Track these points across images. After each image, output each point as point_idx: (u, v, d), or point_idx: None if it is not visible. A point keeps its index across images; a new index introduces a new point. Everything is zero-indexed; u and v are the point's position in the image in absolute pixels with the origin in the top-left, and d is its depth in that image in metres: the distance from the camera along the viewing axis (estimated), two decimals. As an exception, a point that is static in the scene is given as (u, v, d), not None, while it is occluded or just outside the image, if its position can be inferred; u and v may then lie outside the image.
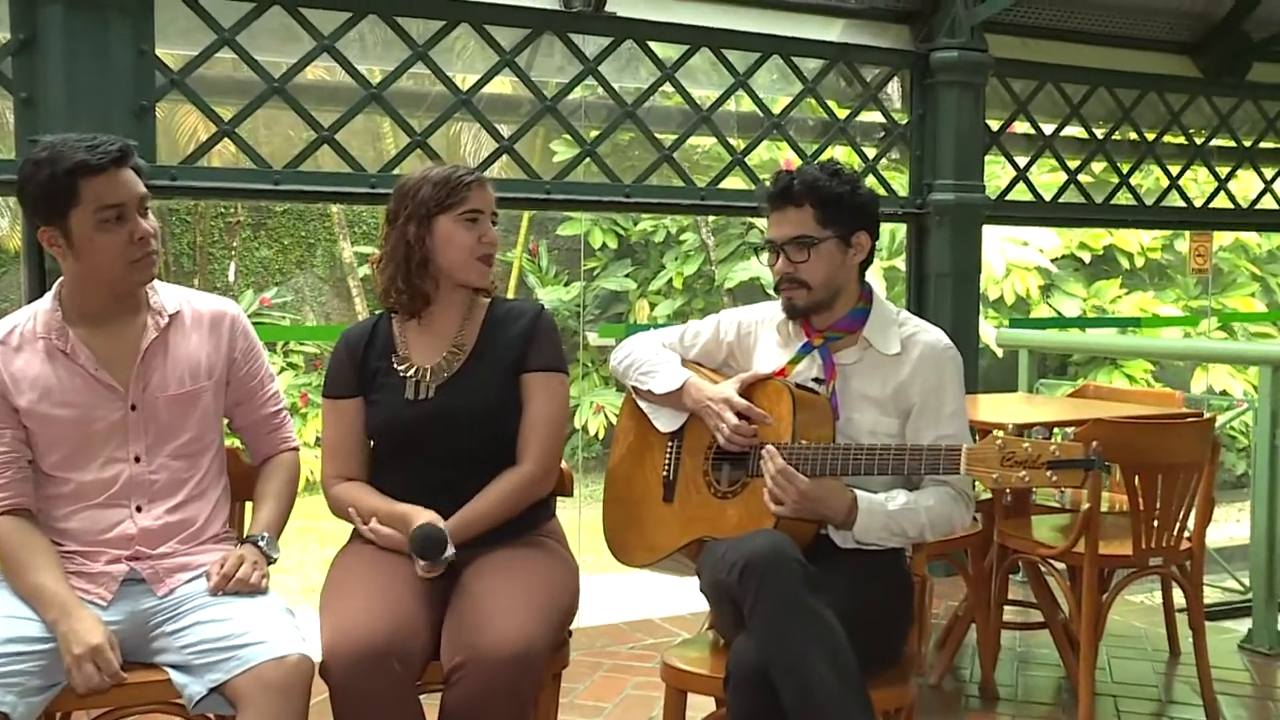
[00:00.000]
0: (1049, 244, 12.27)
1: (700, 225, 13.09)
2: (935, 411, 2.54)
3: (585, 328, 13.58)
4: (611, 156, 11.24)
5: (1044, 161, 5.84)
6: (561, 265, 14.26)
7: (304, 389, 12.59)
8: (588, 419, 12.61)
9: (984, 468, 2.29)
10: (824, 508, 2.43)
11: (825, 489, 2.42)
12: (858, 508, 2.44)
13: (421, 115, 4.56)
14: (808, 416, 2.50)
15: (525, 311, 2.60)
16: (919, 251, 5.22)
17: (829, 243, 2.58)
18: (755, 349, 2.75)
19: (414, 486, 2.48)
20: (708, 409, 2.60)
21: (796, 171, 2.61)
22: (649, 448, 2.75)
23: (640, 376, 2.76)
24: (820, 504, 2.42)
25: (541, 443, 2.52)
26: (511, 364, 2.54)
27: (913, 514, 2.47)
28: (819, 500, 2.42)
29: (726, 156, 4.92)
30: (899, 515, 2.46)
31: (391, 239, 2.57)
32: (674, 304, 13.28)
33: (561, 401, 2.58)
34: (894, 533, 2.47)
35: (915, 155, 5.22)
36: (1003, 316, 11.85)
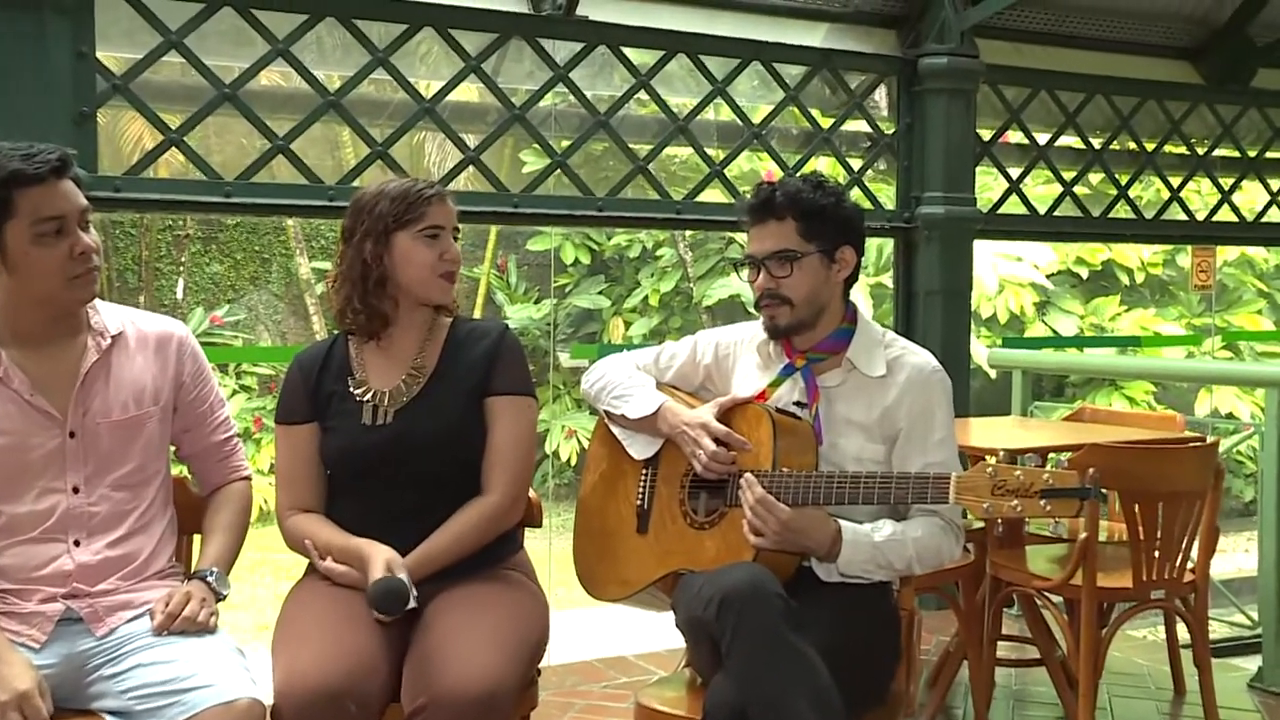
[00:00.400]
0: (1044, 259, 12.33)
1: (678, 240, 13.11)
2: (923, 438, 2.55)
3: (556, 348, 13.57)
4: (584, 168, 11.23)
5: (1038, 173, 5.88)
6: (531, 282, 14.25)
7: (257, 413, 12.52)
8: (559, 444, 12.58)
9: (974, 496, 2.31)
10: (806, 539, 2.44)
11: (807, 519, 2.43)
12: (842, 539, 2.45)
13: (383, 124, 4.56)
14: (789, 442, 2.51)
15: (489, 331, 2.61)
16: (907, 267, 5.25)
17: (812, 257, 2.60)
18: (734, 371, 2.76)
19: (372, 517, 2.48)
20: (684, 435, 2.61)
21: (778, 183, 2.63)
22: (622, 476, 2.75)
23: (613, 400, 2.77)
24: (802, 535, 2.43)
25: (508, 470, 2.52)
26: (475, 387, 2.54)
27: (900, 545, 2.48)
28: (801, 531, 2.42)
29: (705, 168, 4.94)
30: (885, 547, 2.47)
31: (347, 257, 2.57)
32: (650, 322, 13.28)
33: (528, 426, 2.58)
34: (880, 565, 2.47)
35: (903, 166, 5.25)
36: (995, 335, 11.89)
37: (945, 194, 5.17)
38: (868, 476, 2.42)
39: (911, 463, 2.53)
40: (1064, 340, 11.67)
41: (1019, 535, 3.85)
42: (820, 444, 2.55)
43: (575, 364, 12.64)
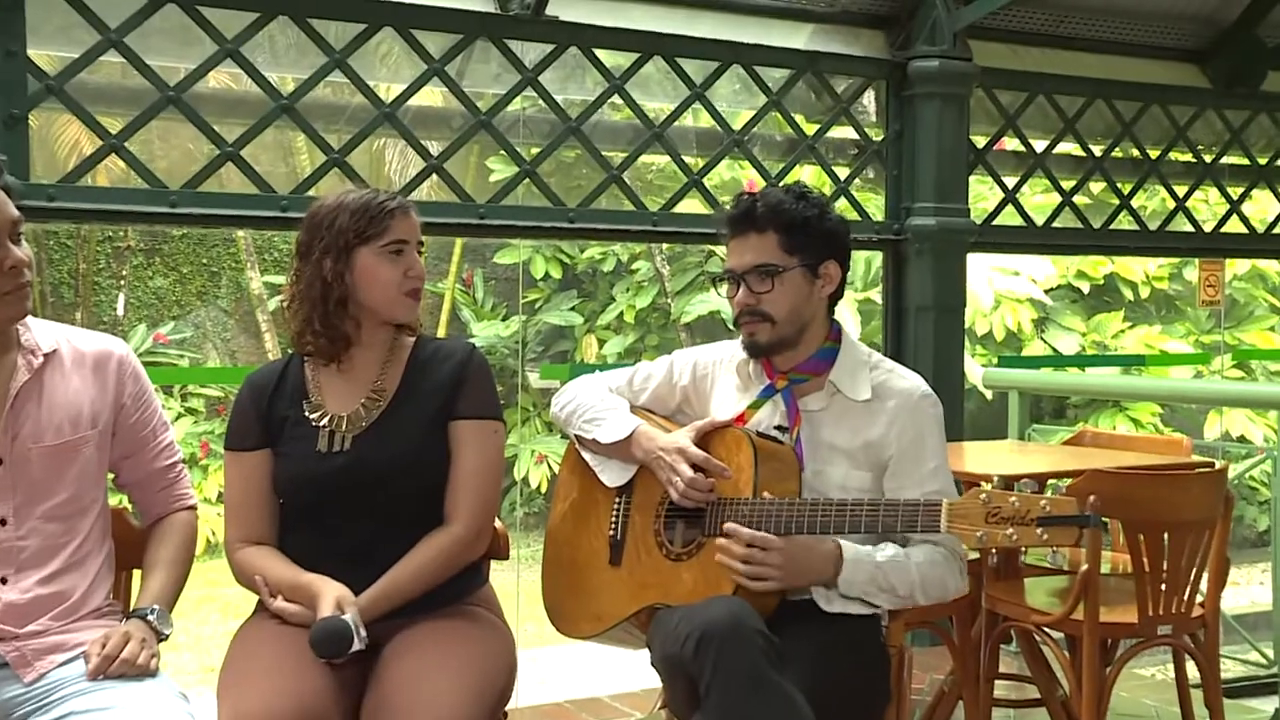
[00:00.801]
0: (1042, 273, 12.40)
1: (654, 253, 13.15)
2: (915, 469, 2.58)
3: (525, 368, 13.58)
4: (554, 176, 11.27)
5: (1036, 182, 5.93)
6: (499, 297, 14.26)
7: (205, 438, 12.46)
8: (528, 470, 12.57)
9: (967, 525, 2.32)
10: (808, 566, 2.45)
11: (801, 545, 2.45)
12: (842, 557, 2.47)
13: (340, 130, 4.57)
14: (771, 468, 2.53)
15: (454, 351, 2.61)
16: (897, 282, 5.28)
17: (795, 271, 2.62)
18: (712, 393, 2.78)
19: (328, 551, 2.48)
20: (659, 460, 2.62)
21: (759, 194, 2.65)
22: (593, 505, 2.76)
23: (584, 425, 2.77)
24: (803, 562, 2.44)
25: (473, 499, 2.52)
26: (439, 411, 2.55)
27: (902, 569, 2.50)
28: (800, 558, 2.44)
29: (682, 177, 4.96)
30: (888, 568, 2.49)
31: (305, 275, 2.56)
32: (625, 340, 13.30)
33: (495, 452, 2.58)
34: (882, 587, 2.49)
35: (892, 175, 5.28)
36: (991, 354, 11.95)
37: (937, 204, 5.20)
38: (854, 504, 2.44)
39: (905, 495, 2.54)
40: (1064, 359, 11.71)
41: (1016, 567, 3.87)
42: (803, 469, 2.57)
43: (546, 385, 12.64)
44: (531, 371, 13.49)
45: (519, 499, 12.55)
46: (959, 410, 5.09)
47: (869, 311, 11.65)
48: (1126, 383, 8.92)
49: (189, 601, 2.57)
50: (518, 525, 12.31)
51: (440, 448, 2.53)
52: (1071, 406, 12.84)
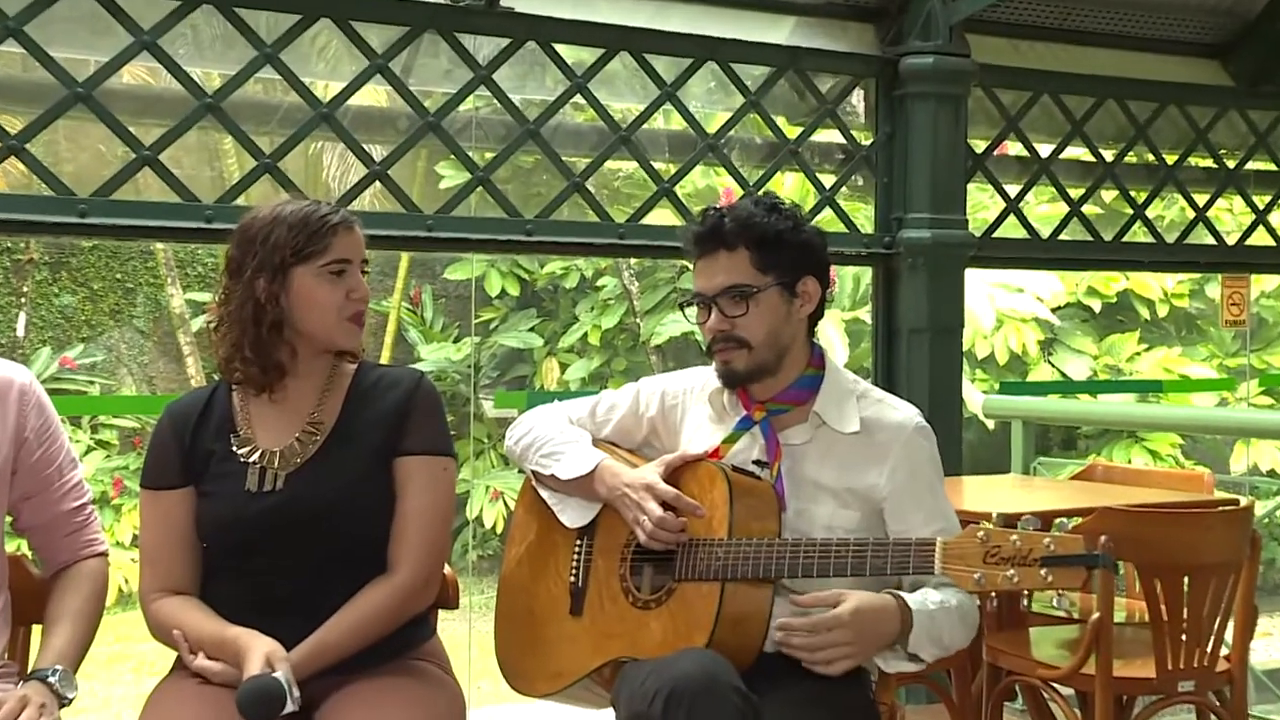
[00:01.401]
0: (1049, 290, 12.44)
1: (621, 268, 13.16)
2: (914, 510, 2.61)
3: (479, 395, 13.55)
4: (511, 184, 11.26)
5: (1041, 190, 5.97)
6: (450, 316, 14.24)
7: (118, 474, 12.38)
8: (482, 508, 12.53)
9: (963, 566, 2.34)
10: (877, 631, 2.47)
11: (868, 610, 2.45)
12: (909, 608, 2.49)
13: (272, 132, 4.56)
14: (748, 506, 2.54)
15: (400, 380, 2.62)
16: (888, 301, 5.30)
17: (771, 291, 2.64)
18: (683, 425, 2.79)
19: (256, 601, 2.47)
20: (625, 498, 2.63)
21: (726, 209, 2.67)
22: (552, 548, 2.77)
23: (541, 459, 2.78)
24: (870, 628, 2.46)
25: (420, 543, 2.53)
26: (382, 445, 2.55)
27: (948, 614, 2.52)
28: (869, 625, 2.45)
29: (652, 185, 4.97)
30: (939, 616, 2.51)
31: (235, 295, 2.56)
32: (590, 364, 13.29)
33: (445, 491, 2.59)
34: (932, 638, 2.51)
35: (882, 183, 5.32)
36: (993, 379, 11.98)
37: (932, 215, 5.23)
38: (839, 544, 2.46)
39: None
40: (1073, 385, 11.76)
41: (1021, 614, 3.89)
42: (784, 509, 2.59)
43: (501, 414, 12.62)
44: (485, 399, 13.45)
45: (471, 541, 12.51)
46: (956, 442, 5.11)
47: (857, 333, 11.68)
48: (1142, 411, 8.98)
49: (97, 660, 2.56)
50: (470, 570, 12.27)
51: (384, 486, 2.54)
52: (1082, 437, 12.88)
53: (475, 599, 10.71)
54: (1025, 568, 2.29)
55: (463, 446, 12.20)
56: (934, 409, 4.72)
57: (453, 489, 2.63)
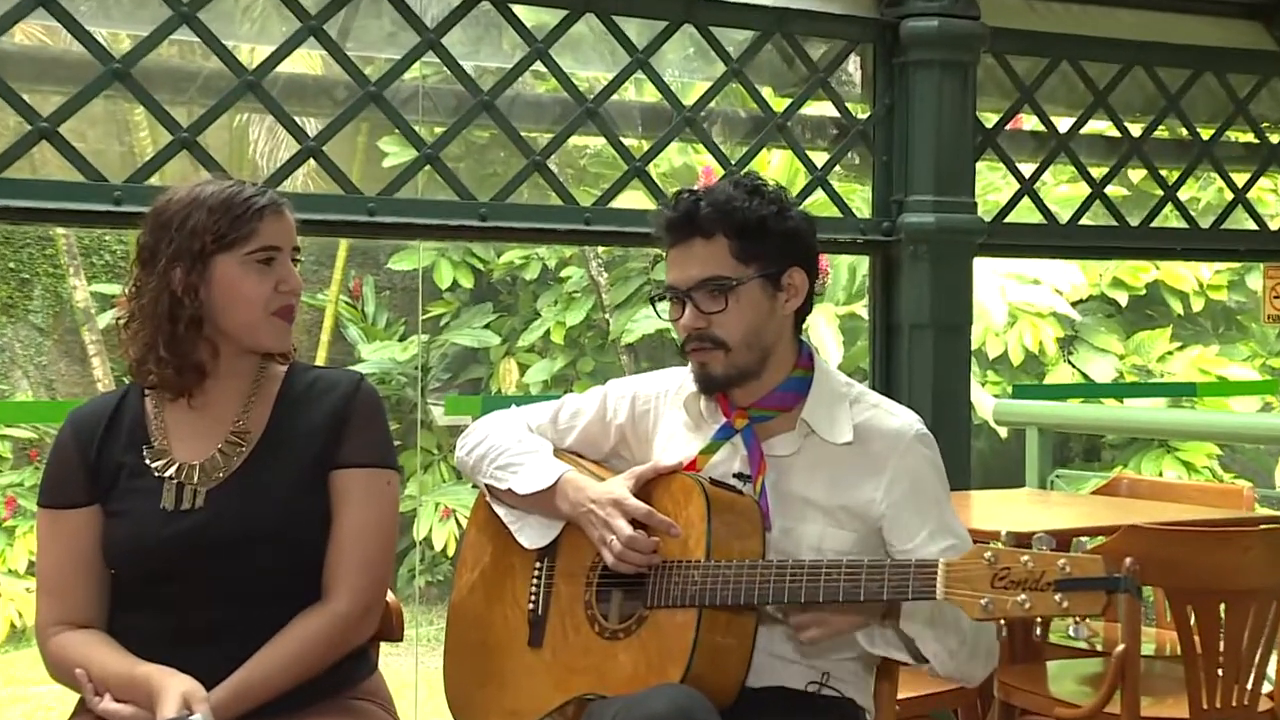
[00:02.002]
0: (1069, 282, 12.42)
1: (588, 258, 13.16)
2: (918, 525, 2.63)
3: (428, 400, 13.52)
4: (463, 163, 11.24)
5: (1059, 169, 5.98)
6: (394, 311, 14.21)
7: (11, 492, 12.31)
8: (431, 528, 12.50)
9: (969, 590, 2.34)
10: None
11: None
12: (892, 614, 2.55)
13: (190, 102, 4.55)
14: (728, 524, 2.56)
15: (337, 383, 2.63)
16: (887, 294, 5.30)
17: (752, 284, 2.66)
18: (655, 433, 2.81)
19: (172, 635, 2.48)
20: (591, 515, 2.64)
21: (702, 192, 2.69)
22: (508, 572, 2.78)
23: (496, 471, 2.80)
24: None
25: (359, 568, 2.54)
26: (317, 457, 2.56)
27: (961, 619, 2.53)
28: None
29: (622, 164, 4.97)
30: (949, 613, 2.53)
31: (149, 288, 2.56)
32: (553, 365, 13.28)
33: (387, 508, 2.60)
34: (935, 629, 2.54)
35: (881, 161, 5.32)
36: (1006, 382, 11.99)
37: (936, 197, 5.24)
38: (830, 566, 2.46)
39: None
40: (1097, 388, 11.77)
41: (1036, 646, 3.91)
42: (768, 528, 2.60)
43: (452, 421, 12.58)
44: (435, 405, 13.42)
45: (418, 565, 12.48)
46: (964, 451, 5.12)
47: (853, 330, 11.67)
48: (1175, 417, 8.99)
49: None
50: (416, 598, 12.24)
51: (318, 504, 2.55)
52: (1106, 447, 12.89)
53: (422, 630, 10.69)
54: (1038, 592, 2.29)
55: (408, 458, 12.16)
56: (939, 415, 4.74)
57: (396, 506, 2.64)
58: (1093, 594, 2.28)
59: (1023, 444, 5.55)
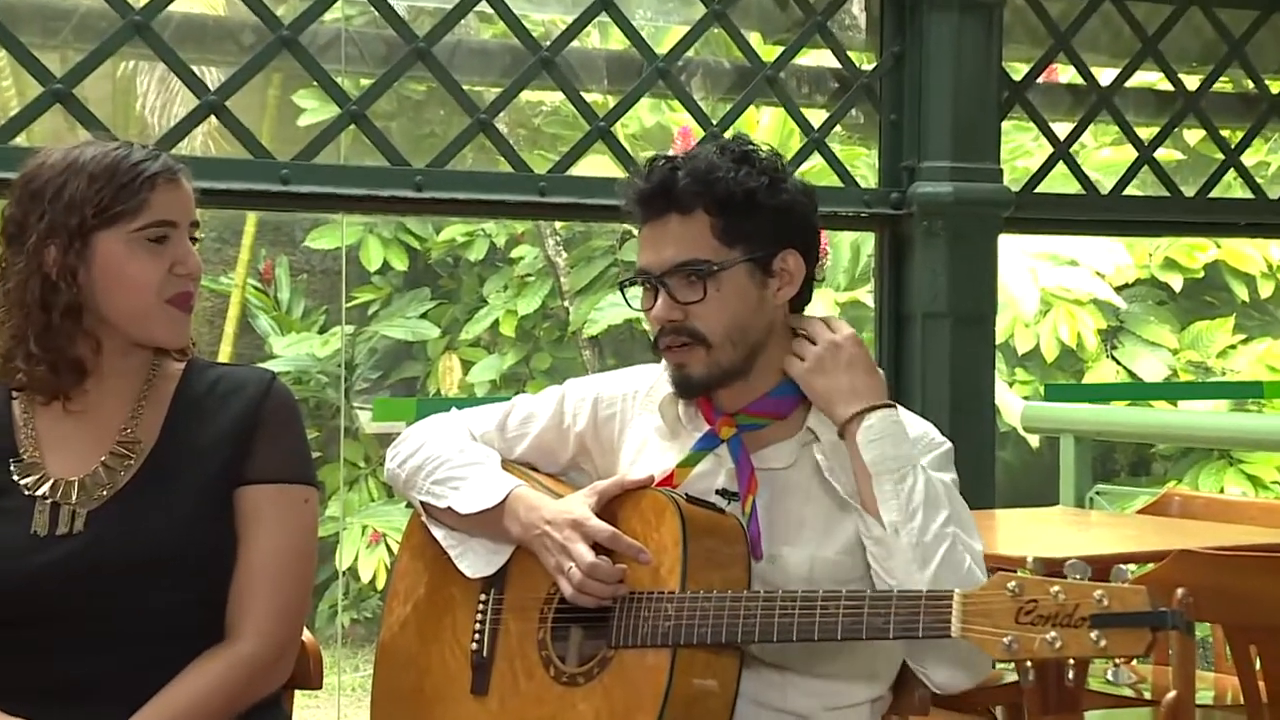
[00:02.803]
0: (1113, 263, 12.45)
1: (544, 235, 13.14)
2: None
3: (353, 403, 13.50)
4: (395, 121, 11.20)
5: (1100, 129, 6.01)
6: (314, 299, 14.17)
7: None
8: (357, 556, 12.48)
9: (989, 626, 2.35)
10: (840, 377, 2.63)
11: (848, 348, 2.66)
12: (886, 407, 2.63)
13: (64, 47, 4.53)
14: (706, 549, 2.57)
15: (244, 384, 2.63)
16: (896, 277, 5.32)
17: (737, 270, 2.66)
18: (622, 442, 2.82)
19: (48, 685, 2.47)
20: (545, 539, 2.64)
21: (681, 158, 2.69)
22: (447, 606, 2.79)
23: (434, 487, 2.80)
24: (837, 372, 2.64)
25: (270, 603, 2.54)
26: (220, 472, 2.57)
27: (939, 493, 2.61)
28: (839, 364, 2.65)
29: (584, 124, 4.98)
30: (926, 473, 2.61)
31: (16, 269, 2.55)
32: (502, 362, 13.25)
33: (304, 532, 2.61)
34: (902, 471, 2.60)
35: (889, 121, 5.33)
36: (1038, 381, 12.00)
37: (955, 163, 5.25)
38: (827, 598, 2.46)
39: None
40: (1145, 388, 11.77)
41: (1072, 693, 3.91)
42: (758, 557, 2.62)
43: (383, 428, 12.55)
44: (362, 409, 13.39)
45: (341, 600, 12.44)
46: (987, 463, 5.14)
47: (857, 320, 11.62)
48: (1238, 423, 9.01)
49: None
50: (338, 639, 12.20)
51: (221, 527, 2.56)
52: (1157, 458, 12.91)
53: (346, 678, 10.66)
54: (1071, 629, 2.29)
55: (330, 473, 12.13)
56: (957, 421, 4.77)
57: (314, 529, 2.65)
58: (1136, 631, 2.27)
59: (1056, 455, 5.56)
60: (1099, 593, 2.29)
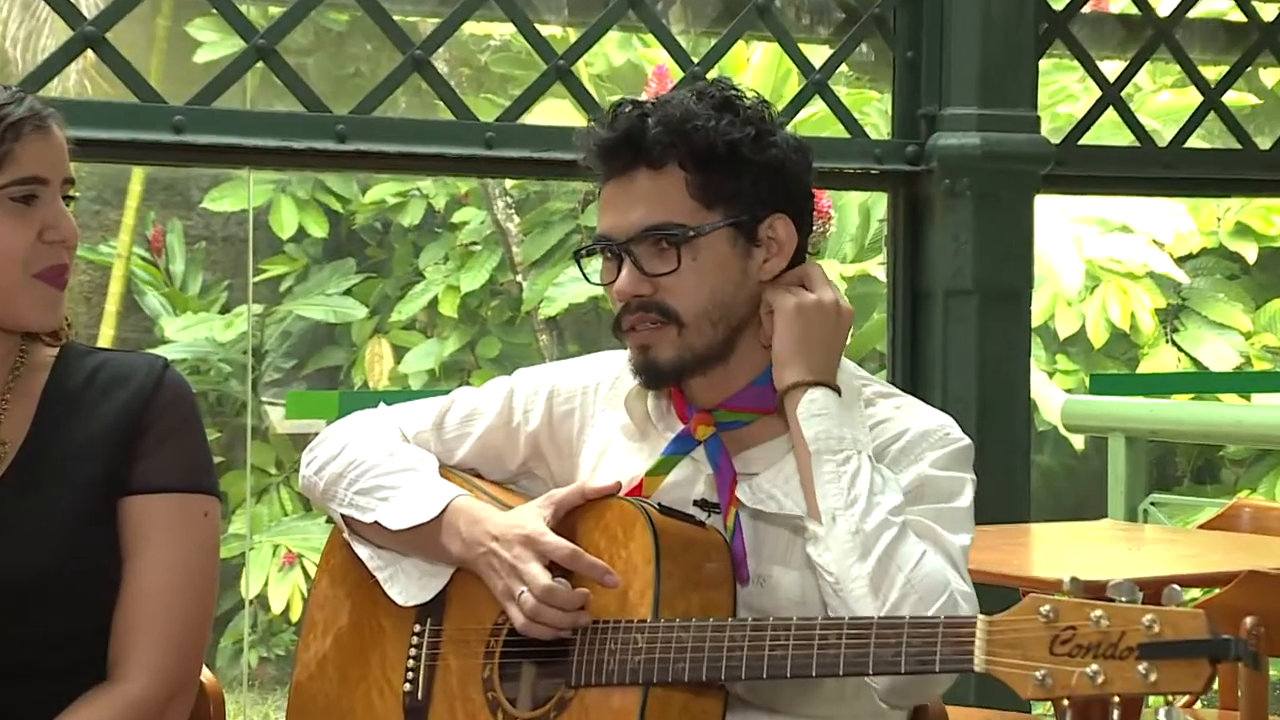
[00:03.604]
0: (1172, 229, 12.49)
1: (493, 195, 13.14)
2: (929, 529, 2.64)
3: (262, 398, 13.50)
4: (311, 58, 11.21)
5: (1158, 68, 6.02)
6: (214, 272, 14.15)
7: None
8: (267, 581, 12.49)
9: (1019, 658, 2.35)
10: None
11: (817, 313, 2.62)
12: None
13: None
14: (683, 569, 2.58)
15: (131, 373, 2.63)
16: (913, 247, 5.34)
17: (717, 236, 2.67)
18: (583, 443, 2.84)
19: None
20: (492, 558, 2.65)
21: (651, 104, 2.70)
22: (376, 639, 2.80)
23: (359, 498, 2.81)
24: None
25: (160, 636, 2.55)
26: (102, 477, 2.57)
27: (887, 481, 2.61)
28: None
29: (540, 62, 4.99)
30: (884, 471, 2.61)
31: None
32: (442, 348, 13.25)
33: (203, 551, 2.62)
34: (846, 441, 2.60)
35: (905, 59, 5.35)
36: (1083, 370, 12.03)
37: (984, 110, 5.28)
38: (826, 626, 2.47)
39: None
40: (1211, 379, 11.81)
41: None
42: (744, 579, 2.64)
43: (298, 428, 12.56)
44: (273, 405, 13.39)
45: (248, 633, 12.45)
46: (1022, 469, 5.15)
47: (866, 298, 11.66)
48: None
49: None
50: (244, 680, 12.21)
51: (104, 543, 2.56)
52: (1226, 463, 12.96)
53: (254, 727, 10.68)
54: (1115, 660, 2.28)
55: (234, 481, 12.12)
56: (985, 417, 4.80)
57: (215, 547, 2.65)
58: (1192, 662, 2.26)
59: (1104, 459, 5.59)
60: (1149, 617, 2.28)
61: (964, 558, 2.67)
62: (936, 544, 2.61)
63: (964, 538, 2.67)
